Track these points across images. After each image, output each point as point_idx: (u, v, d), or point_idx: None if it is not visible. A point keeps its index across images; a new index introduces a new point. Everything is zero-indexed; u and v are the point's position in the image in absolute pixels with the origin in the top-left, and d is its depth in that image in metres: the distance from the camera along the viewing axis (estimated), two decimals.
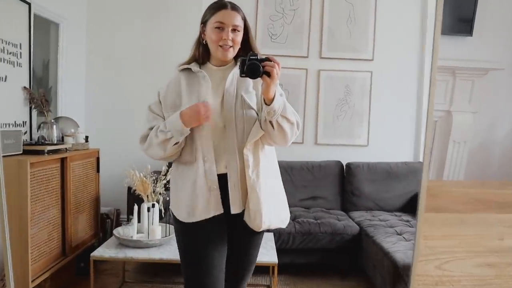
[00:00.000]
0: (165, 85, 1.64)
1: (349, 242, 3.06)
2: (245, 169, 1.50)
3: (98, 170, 3.12)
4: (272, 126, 1.47)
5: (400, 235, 2.86)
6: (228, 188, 1.52)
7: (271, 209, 1.55)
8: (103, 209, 3.46)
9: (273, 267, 2.44)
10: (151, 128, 1.56)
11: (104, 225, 3.44)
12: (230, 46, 1.52)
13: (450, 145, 3.92)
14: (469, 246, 1.26)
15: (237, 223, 1.56)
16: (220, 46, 1.51)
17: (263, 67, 1.41)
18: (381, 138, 3.88)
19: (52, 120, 2.80)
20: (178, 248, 1.62)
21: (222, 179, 1.52)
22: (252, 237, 1.63)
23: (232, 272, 1.64)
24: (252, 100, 1.54)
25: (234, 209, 1.52)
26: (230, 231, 1.61)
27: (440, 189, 1.31)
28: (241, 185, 1.52)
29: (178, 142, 1.49)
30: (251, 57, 1.42)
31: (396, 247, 2.57)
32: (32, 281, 2.27)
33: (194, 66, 1.58)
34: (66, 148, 2.71)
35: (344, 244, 3.07)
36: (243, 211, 1.54)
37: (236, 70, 1.54)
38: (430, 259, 1.10)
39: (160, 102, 1.60)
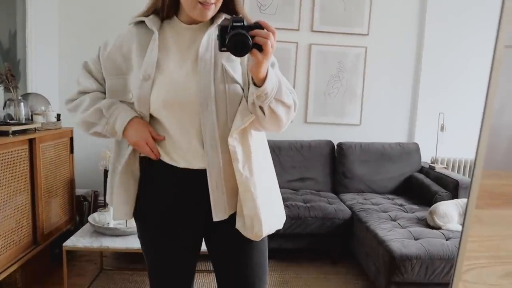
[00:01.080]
0: (110, 38, 1.25)
1: (340, 226, 2.91)
2: (233, 164, 1.16)
3: (72, 151, 2.88)
4: (263, 112, 1.12)
5: (395, 221, 2.72)
6: (209, 188, 1.18)
7: (270, 212, 1.24)
8: (80, 191, 3.25)
9: None
10: (81, 93, 1.27)
11: (81, 208, 3.23)
12: (213, 3, 1.13)
13: None
14: (490, 250, 1.10)
15: (221, 232, 1.26)
16: (200, 2, 1.11)
17: (253, 38, 1.00)
18: (375, 117, 3.71)
19: (20, 97, 2.55)
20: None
21: (197, 177, 1.19)
22: (250, 244, 1.26)
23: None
24: (236, 70, 1.17)
25: (218, 215, 1.19)
26: (214, 244, 1.31)
27: None
28: (226, 184, 1.18)
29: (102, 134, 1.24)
30: (234, 24, 1.01)
31: (392, 235, 2.43)
32: (0, 273, 2.08)
33: (151, 20, 1.19)
34: (35, 128, 2.47)
35: (335, 229, 2.92)
36: (231, 217, 1.21)
37: (213, 30, 1.18)
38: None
39: (100, 60, 1.25)
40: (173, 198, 1.24)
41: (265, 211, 1.20)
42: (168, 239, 1.27)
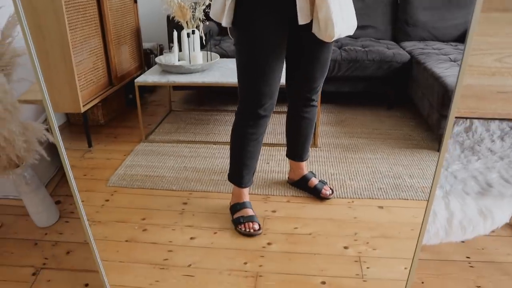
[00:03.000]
0: None
1: (397, 70, 2.92)
2: None
3: (135, 1, 3.00)
4: None
5: (454, 61, 2.68)
6: None
7: (342, 18, 1.43)
8: (146, 45, 3.43)
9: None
10: None
11: (148, 60, 3.44)
12: None
13: None
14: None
15: (303, 35, 1.54)
16: None
17: None
18: None
19: None
20: (237, 55, 1.58)
21: None
22: (323, 44, 1.59)
23: (306, 77, 1.69)
24: None
25: (302, 19, 1.43)
26: (297, 42, 1.59)
27: None
28: None
29: None
30: None
31: (449, 72, 2.42)
32: (83, 106, 2.37)
33: None
34: None
35: (392, 73, 2.93)
36: (311, 22, 1.45)
37: None
38: (490, 53, 0.98)
39: None
40: (266, 5, 1.45)
41: (337, 15, 1.40)
42: (267, 33, 1.49)
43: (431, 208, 0.80)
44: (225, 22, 1.48)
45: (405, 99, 3.08)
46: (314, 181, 2.00)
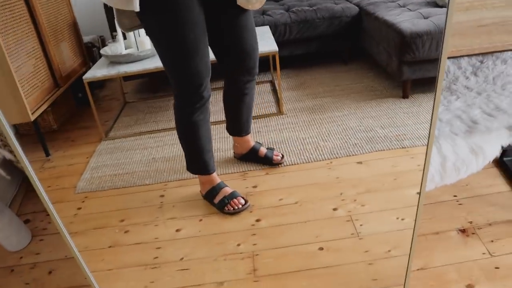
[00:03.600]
0: None
1: (348, 25, 2.89)
2: None
3: None
4: None
5: (404, 7, 2.68)
6: None
7: None
8: (86, 38, 3.23)
9: (274, 56, 2.31)
10: None
11: (92, 54, 3.26)
12: None
13: None
14: None
15: (220, 11, 1.48)
16: None
17: None
18: None
19: None
20: (163, 39, 1.41)
21: None
22: (245, 12, 1.52)
23: (243, 52, 1.58)
24: None
25: None
26: (216, 23, 1.50)
27: None
28: None
29: None
30: None
31: (401, 18, 2.41)
32: (32, 113, 2.20)
33: None
34: None
35: (343, 28, 2.90)
36: None
37: None
38: None
39: None
40: None
41: None
42: (187, 12, 1.36)
43: (430, 155, 0.77)
44: (136, 5, 1.30)
45: (359, 52, 3.07)
46: (263, 150, 1.95)
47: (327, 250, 1.43)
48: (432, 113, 0.75)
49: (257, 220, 1.61)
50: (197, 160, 1.68)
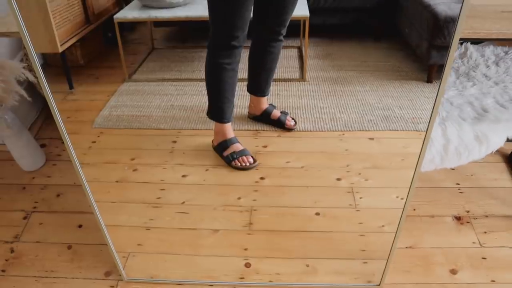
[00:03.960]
0: None
1: (385, 1, 2.83)
2: None
3: None
4: None
5: None
6: None
7: None
8: None
9: (304, 21, 2.30)
10: None
11: None
12: None
13: None
14: None
15: None
16: None
17: None
18: None
19: None
20: None
21: None
22: None
23: (278, 10, 1.64)
24: None
25: None
26: None
27: None
28: None
29: None
30: None
31: (439, 0, 2.35)
32: (61, 45, 2.26)
33: None
34: None
35: (379, 4, 2.84)
36: None
37: None
38: None
39: None
40: None
41: None
42: None
43: (429, 137, 0.79)
44: None
45: (392, 30, 3.01)
46: (277, 113, 1.97)
47: (323, 216, 1.47)
48: (437, 95, 0.76)
49: (261, 178, 1.65)
50: (215, 105, 1.72)
